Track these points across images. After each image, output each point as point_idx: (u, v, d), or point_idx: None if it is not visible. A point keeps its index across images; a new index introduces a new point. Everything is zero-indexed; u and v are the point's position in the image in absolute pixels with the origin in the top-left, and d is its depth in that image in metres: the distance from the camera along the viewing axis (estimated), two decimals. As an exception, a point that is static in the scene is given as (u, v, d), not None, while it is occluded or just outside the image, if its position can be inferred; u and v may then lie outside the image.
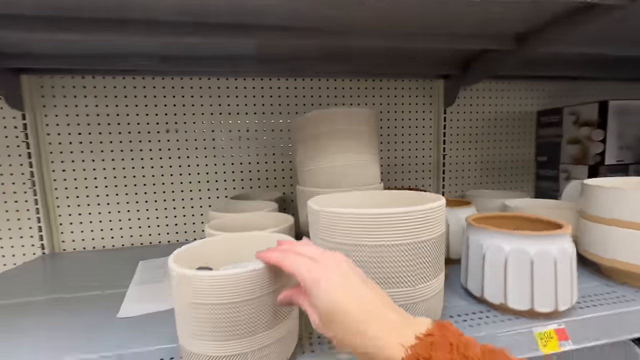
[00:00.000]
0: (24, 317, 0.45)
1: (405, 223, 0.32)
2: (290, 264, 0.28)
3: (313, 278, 0.26)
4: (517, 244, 0.39)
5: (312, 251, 0.29)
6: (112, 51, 0.64)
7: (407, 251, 0.33)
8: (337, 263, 0.27)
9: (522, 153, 1.01)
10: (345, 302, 0.25)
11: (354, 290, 0.26)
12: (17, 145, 0.73)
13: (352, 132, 0.55)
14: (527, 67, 0.84)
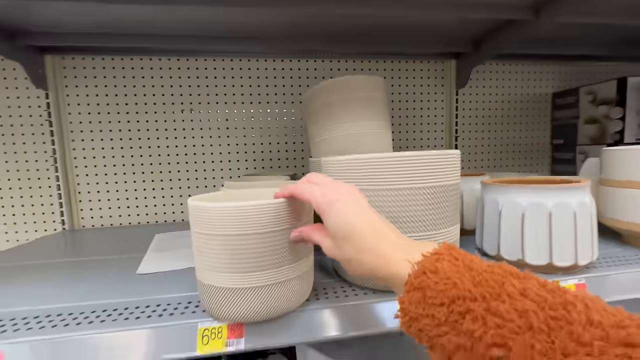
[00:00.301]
0: (50, 272, 0.46)
1: (423, 166, 0.33)
2: (304, 191, 0.29)
3: (328, 201, 0.27)
4: (535, 197, 0.38)
5: (325, 180, 0.30)
6: (132, 29, 0.66)
7: (424, 195, 0.33)
8: (349, 190, 0.28)
9: (536, 136, 0.99)
10: (357, 223, 0.26)
11: (365, 214, 0.27)
12: (40, 124, 0.76)
13: (364, 100, 0.55)
14: (542, 45, 0.82)
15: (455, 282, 0.20)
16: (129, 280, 0.42)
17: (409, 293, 0.22)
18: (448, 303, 0.20)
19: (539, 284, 0.19)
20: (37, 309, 0.34)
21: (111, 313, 0.33)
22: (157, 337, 0.30)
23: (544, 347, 0.17)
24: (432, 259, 0.23)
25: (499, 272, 0.21)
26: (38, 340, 0.29)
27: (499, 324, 0.18)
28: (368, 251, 0.25)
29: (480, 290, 0.19)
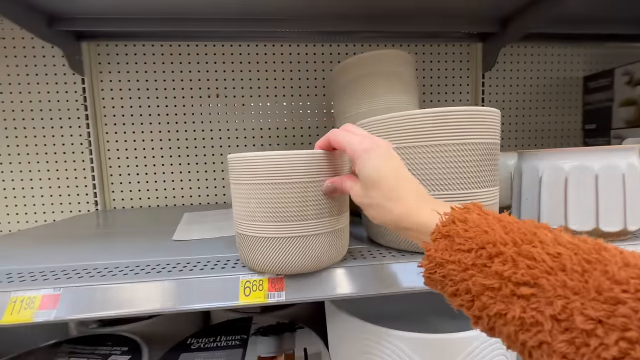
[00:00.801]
0: (91, 239, 0.48)
1: (463, 122, 0.32)
2: (342, 139, 0.29)
3: (364, 148, 0.27)
4: (579, 160, 0.37)
5: (362, 131, 0.30)
6: (166, 13, 0.68)
7: (464, 151, 0.32)
8: (385, 143, 0.29)
9: (567, 121, 0.95)
10: (389, 172, 0.27)
11: (397, 166, 0.27)
12: (76, 109, 0.79)
13: (393, 74, 0.55)
14: (573, 23, 0.80)
15: (486, 230, 0.20)
16: (166, 245, 0.43)
17: (436, 241, 0.22)
18: (477, 249, 0.20)
19: (572, 236, 0.19)
20: (85, 264, 0.36)
21: (154, 267, 0.34)
22: (201, 287, 0.31)
23: (577, 285, 0.16)
24: (462, 211, 0.23)
25: (530, 224, 0.20)
26: (90, 285, 0.30)
27: (530, 265, 0.18)
28: (396, 199, 0.26)
29: (512, 236, 0.19)
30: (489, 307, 0.19)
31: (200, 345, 0.50)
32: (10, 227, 0.79)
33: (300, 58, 0.84)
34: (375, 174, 0.27)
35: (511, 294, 0.18)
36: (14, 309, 0.28)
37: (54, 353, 0.51)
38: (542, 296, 0.17)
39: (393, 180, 0.26)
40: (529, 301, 0.17)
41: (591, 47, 0.93)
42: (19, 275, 0.33)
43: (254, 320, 0.58)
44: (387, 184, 0.26)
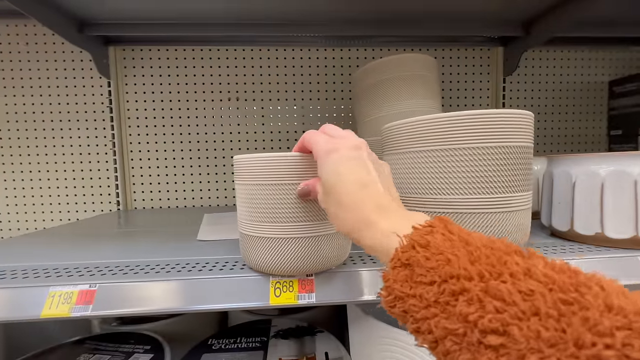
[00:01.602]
0: (117, 238, 0.49)
1: (496, 124, 0.31)
2: (309, 139, 0.27)
3: (327, 149, 0.25)
4: (616, 165, 0.36)
5: (336, 132, 0.28)
6: (187, 18, 0.70)
7: (493, 154, 0.32)
8: (353, 143, 0.26)
9: (591, 127, 0.93)
10: (346, 174, 0.24)
11: (359, 168, 0.25)
12: (102, 111, 0.81)
13: (417, 78, 0.54)
14: (598, 27, 0.78)
15: (449, 259, 0.18)
16: (192, 244, 0.44)
17: (395, 270, 0.20)
18: (439, 282, 0.17)
19: (546, 263, 0.16)
20: (117, 261, 0.36)
21: (185, 265, 0.34)
22: (231, 286, 0.31)
23: (553, 336, 0.14)
24: (424, 232, 0.20)
25: (500, 248, 0.18)
26: (126, 282, 0.30)
27: (499, 307, 0.15)
28: (350, 209, 0.23)
29: (478, 268, 0.17)
30: (452, 354, 0.16)
31: (221, 346, 0.51)
32: (35, 225, 0.82)
33: (320, 62, 0.85)
34: (332, 178, 0.24)
35: (478, 343, 0.15)
36: (52, 304, 0.29)
37: (79, 349, 0.52)
38: (513, 348, 0.14)
39: (350, 186, 0.24)
40: (497, 352, 0.15)
41: (617, 50, 0.91)
42: (55, 271, 0.33)
43: (273, 322, 0.58)
44: (343, 190, 0.24)
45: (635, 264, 0.34)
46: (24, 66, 0.79)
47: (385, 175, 0.26)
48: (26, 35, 0.78)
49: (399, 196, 0.27)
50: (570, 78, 0.91)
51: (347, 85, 0.86)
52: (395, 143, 0.37)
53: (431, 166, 0.33)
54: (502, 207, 0.32)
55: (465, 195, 0.32)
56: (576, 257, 0.35)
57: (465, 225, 0.32)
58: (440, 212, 0.33)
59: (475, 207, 0.32)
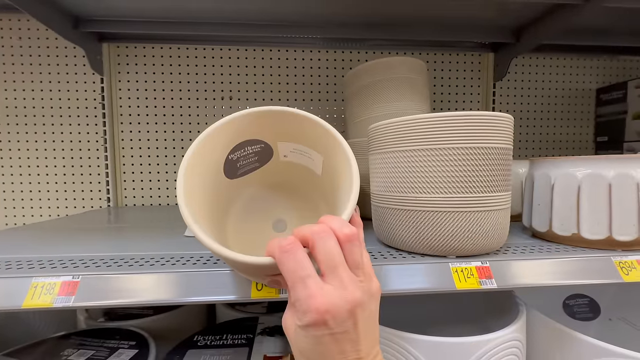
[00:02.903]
0: (105, 233, 0.49)
1: (476, 126, 0.32)
2: (290, 274, 0.21)
3: (309, 321, 0.20)
4: (592, 168, 0.37)
5: (333, 261, 0.21)
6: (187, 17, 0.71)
7: (473, 155, 0.33)
8: (350, 308, 0.20)
9: (578, 133, 0.95)
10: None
11: (347, 348, 0.21)
12: (94, 107, 0.81)
13: (406, 80, 0.55)
14: (587, 35, 0.80)
15: None
16: (179, 240, 0.44)
17: None
18: None
19: None
20: (102, 255, 0.37)
21: (169, 259, 0.35)
22: (213, 280, 0.31)
23: None
24: None
25: None
26: (109, 275, 0.31)
27: None
28: None
29: None
30: None
31: (207, 343, 0.51)
32: (24, 220, 0.81)
33: (313, 63, 0.86)
34: (309, 355, 0.21)
35: None
36: (35, 294, 0.29)
37: (64, 344, 0.52)
38: None
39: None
40: None
41: (604, 59, 0.93)
42: (39, 263, 0.34)
43: (260, 320, 0.58)
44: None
45: (609, 264, 0.35)
46: (16, 60, 0.79)
47: (374, 317, 0.23)
48: (19, 30, 0.78)
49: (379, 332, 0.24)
50: (558, 84, 0.93)
51: (340, 87, 0.87)
52: (380, 143, 0.38)
53: (413, 165, 0.34)
54: (481, 206, 0.33)
55: (445, 194, 0.33)
56: (553, 257, 0.36)
57: (445, 223, 0.33)
58: (421, 210, 0.34)
59: (455, 205, 0.33)
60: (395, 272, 0.33)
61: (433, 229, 0.34)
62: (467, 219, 0.33)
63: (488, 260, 0.34)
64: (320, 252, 0.21)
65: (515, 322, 0.37)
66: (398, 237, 0.37)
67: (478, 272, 0.33)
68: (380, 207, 0.39)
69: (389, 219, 0.37)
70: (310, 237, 0.21)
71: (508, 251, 0.37)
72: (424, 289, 0.32)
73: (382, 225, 0.39)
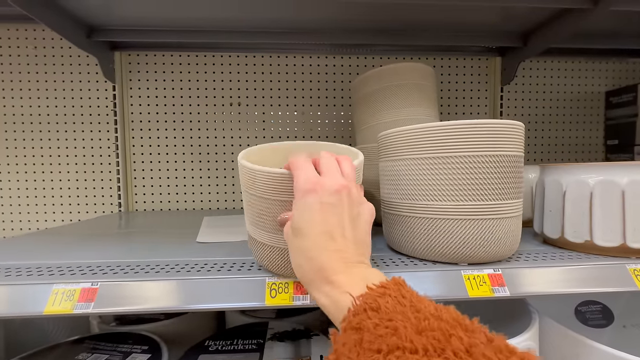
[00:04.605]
0: (119, 238, 0.50)
1: (487, 134, 0.33)
2: (295, 168, 0.27)
3: (304, 189, 0.25)
4: (605, 175, 0.37)
5: (328, 165, 0.27)
6: (191, 25, 0.72)
7: (484, 163, 0.33)
8: (336, 187, 0.25)
9: (588, 137, 0.94)
10: (317, 226, 0.24)
11: (332, 220, 0.24)
12: (106, 114, 0.83)
13: (414, 86, 0.56)
14: (595, 39, 0.79)
15: (397, 327, 0.18)
16: (192, 246, 0.45)
17: (346, 332, 0.20)
18: (386, 351, 0.17)
19: (487, 339, 0.17)
20: (119, 261, 0.37)
21: (184, 266, 0.35)
22: (229, 287, 0.32)
23: None
24: (376, 294, 0.20)
25: (447, 320, 0.18)
26: (127, 282, 0.31)
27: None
28: (312, 260, 0.23)
29: (423, 341, 0.17)
30: None
31: (218, 348, 0.51)
32: (38, 225, 0.83)
33: (320, 70, 0.87)
34: (302, 223, 0.24)
35: None
36: (56, 300, 0.29)
37: (77, 348, 0.53)
38: None
39: (317, 238, 0.24)
40: None
41: (613, 62, 0.92)
42: (58, 269, 0.34)
43: (270, 325, 0.58)
44: (309, 239, 0.24)
45: (624, 272, 0.35)
46: (32, 69, 0.81)
47: (363, 221, 0.26)
48: (35, 40, 0.81)
49: (370, 243, 0.27)
50: (567, 88, 0.92)
51: (347, 93, 0.87)
52: (391, 150, 0.38)
53: (424, 173, 0.35)
54: (493, 213, 0.33)
55: (456, 201, 0.33)
56: (566, 264, 0.35)
57: (457, 230, 0.33)
58: (433, 217, 0.34)
59: (467, 213, 0.33)
60: (407, 279, 0.33)
61: (445, 236, 0.34)
62: (479, 227, 0.33)
63: (500, 267, 0.34)
64: (322, 164, 0.28)
65: (528, 330, 0.37)
66: (409, 244, 0.37)
67: (490, 280, 0.33)
68: (391, 214, 0.39)
69: (400, 226, 0.38)
70: (318, 158, 0.29)
71: (520, 258, 0.37)
72: (435, 296, 0.33)
73: (392, 231, 0.39)
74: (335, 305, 0.22)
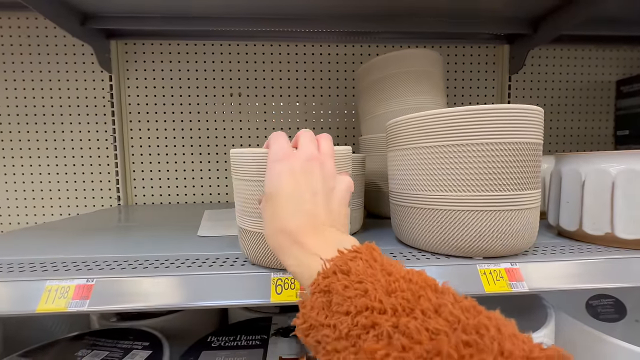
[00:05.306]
0: (119, 232, 0.49)
1: (504, 120, 0.31)
2: (270, 143, 0.27)
3: (276, 159, 0.25)
4: (627, 164, 0.35)
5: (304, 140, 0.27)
6: (190, 12, 0.69)
7: (502, 151, 0.31)
8: (308, 155, 0.25)
9: (597, 127, 0.92)
10: (286, 189, 0.24)
11: (303, 184, 0.24)
12: (103, 105, 0.81)
13: (421, 73, 0.53)
14: (608, 25, 0.77)
15: (367, 289, 0.18)
16: (192, 240, 0.43)
17: (314, 295, 0.20)
18: (354, 313, 0.17)
19: (455, 300, 0.17)
20: (116, 256, 0.36)
21: (184, 261, 0.34)
22: (232, 283, 0.30)
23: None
24: (348, 257, 0.20)
25: (417, 282, 0.18)
26: (124, 277, 0.30)
27: (405, 345, 0.16)
28: (281, 222, 0.23)
29: (392, 301, 0.17)
30: None
31: (221, 344, 0.50)
32: (35, 219, 0.81)
33: (323, 58, 0.84)
34: (272, 188, 0.24)
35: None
36: (49, 298, 0.28)
37: (77, 345, 0.51)
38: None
39: (287, 200, 0.23)
40: None
41: (625, 49, 0.89)
42: (52, 265, 0.33)
43: (274, 320, 0.57)
44: (280, 202, 0.24)
45: (647, 265, 0.33)
46: (25, 59, 0.78)
47: (338, 191, 0.26)
48: (27, 28, 0.78)
49: (349, 214, 0.27)
50: (576, 77, 0.90)
51: (351, 82, 0.85)
52: (401, 138, 0.36)
53: (438, 162, 0.33)
54: (511, 205, 0.31)
55: (472, 192, 0.32)
56: (586, 258, 0.34)
57: (473, 222, 0.32)
58: (447, 209, 0.33)
59: (483, 204, 0.31)
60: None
61: (459, 229, 0.32)
62: (497, 219, 0.31)
63: (518, 261, 0.32)
64: (299, 138, 0.27)
65: (545, 326, 0.35)
66: (421, 238, 0.35)
67: (508, 275, 0.31)
68: (400, 206, 0.37)
69: (411, 219, 0.36)
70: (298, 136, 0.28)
71: (537, 252, 0.36)
72: (450, 292, 0.31)
73: (402, 224, 0.38)
74: (305, 268, 0.21)
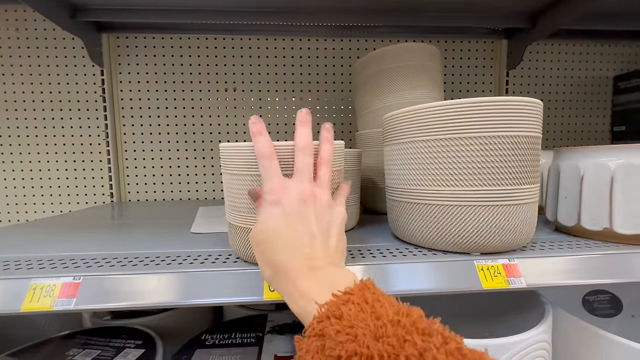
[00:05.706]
0: (110, 230, 0.48)
1: (504, 113, 0.30)
2: (262, 168, 0.27)
3: (270, 199, 0.26)
4: (626, 158, 0.34)
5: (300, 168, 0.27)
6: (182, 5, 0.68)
7: (500, 145, 0.30)
8: (302, 197, 0.26)
9: (594, 122, 0.91)
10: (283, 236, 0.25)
11: (299, 229, 0.25)
12: (94, 100, 0.79)
13: (418, 68, 0.53)
14: (606, 19, 0.76)
15: (357, 334, 0.19)
16: (185, 237, 0.42)
17: (309, 339, 0.21)
18: (345, 357, 0.18)
19: (443, 341, 0.18)
20: (105, 254, 0.35)
21: (175, 258, 0.33)
22: (224, 281, 0.29)
23: None
24: (340, 301, 0.21)
25: (405, 325, 0.19)
26: (112, 275, 0.29)
27: None
28: (280, 264, 0.24)
29: (379, 347, 0.18)
30: None
31: (215, 342, 0.49)
32: (26, 216, 0.80)
33: (319, 53, 0.83)
34: (266, 234, 0.25)
35: None
36: (34, 297, 0.27)
37: (69, 344, 0.50)
38: None
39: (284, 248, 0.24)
40: None
41: (622, 45, 0.89)
42: (38, 263, 0.32)
43: (269, 318, 0.57)
44: (275, 249, 0.25)
45: (645, 260, 0.33)
46: (14, 53, 0.76)
47: (335, 225, 0.27)
48: (16, 21, 0.76)
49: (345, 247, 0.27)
50: (574, 72, 0.89)
51: (347, 77, 0.84)
52: (397, 133, 0.35)
53: (435, 156, 0.32)
54: (510, 199, 0.31)
55: (469, 187, 0.31)
56: (585, 253, 0.33)
57: (471, 218, 0.31)
58: (444, 204, 0.32)
59: (481, 199, 0.31)
60: (416, 271, 0.31)
61: (457, 224, 0.32)
62: (495, 214, 0.31)
63: (515, 257, 0.32)
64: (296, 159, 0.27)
65: (543, 323, 0.35)
66: (417, 233, 0.35)
67: (505, 271, 0.31)
68: (397, 201, 0.37)
69: (407, 214, 0.35)
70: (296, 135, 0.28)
71: (535, 247, 0.35)
72: (447, 289, 0.30)
73: (398, 220, 0.37)
74: (303, 312, 0.22)
